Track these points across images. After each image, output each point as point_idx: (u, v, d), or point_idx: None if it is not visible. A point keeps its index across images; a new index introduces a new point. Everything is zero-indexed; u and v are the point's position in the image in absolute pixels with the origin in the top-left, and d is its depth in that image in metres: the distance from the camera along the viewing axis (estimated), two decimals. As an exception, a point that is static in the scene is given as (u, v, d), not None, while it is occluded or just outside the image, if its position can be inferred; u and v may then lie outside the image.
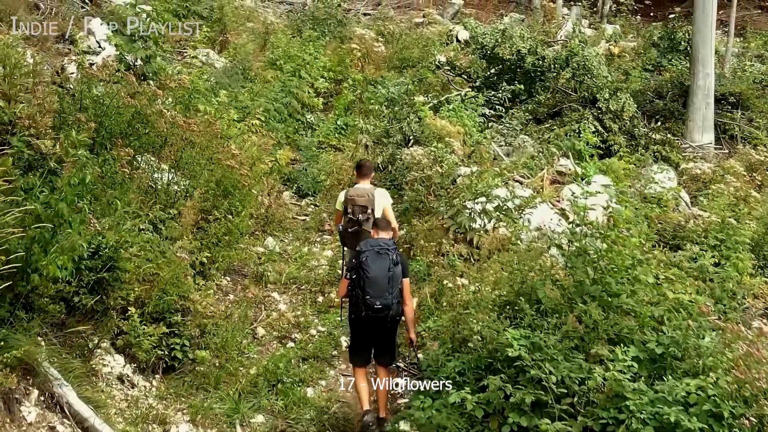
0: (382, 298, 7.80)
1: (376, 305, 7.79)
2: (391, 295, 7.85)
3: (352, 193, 9.70)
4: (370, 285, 7.80)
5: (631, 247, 7.81)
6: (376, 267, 7.84)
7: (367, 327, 8.09)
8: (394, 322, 8.12)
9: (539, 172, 12.87)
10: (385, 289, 7.82)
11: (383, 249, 7.95)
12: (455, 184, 12.39)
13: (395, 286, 7.90)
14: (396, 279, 7.91)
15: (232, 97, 15.00)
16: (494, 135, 14.44)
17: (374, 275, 7.81)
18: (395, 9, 30.74)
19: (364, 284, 7.82)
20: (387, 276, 7.84)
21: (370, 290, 7.79)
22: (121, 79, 11.06)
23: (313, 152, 15.54)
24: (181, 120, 10.68)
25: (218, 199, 10.66)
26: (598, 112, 15.35)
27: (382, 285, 7.81)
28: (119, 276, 8.29)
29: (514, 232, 10.39)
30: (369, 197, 9.61)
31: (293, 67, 17.29)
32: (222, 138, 11.94)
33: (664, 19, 34.69)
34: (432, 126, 13.50)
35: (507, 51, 16.13)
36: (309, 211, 14.02)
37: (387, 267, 7.86)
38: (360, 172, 10.01)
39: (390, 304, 7.84)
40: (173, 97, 12.31)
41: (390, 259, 7.89)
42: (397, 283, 7.92)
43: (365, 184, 9.84)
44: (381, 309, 7.82)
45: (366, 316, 7.90)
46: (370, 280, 7.80)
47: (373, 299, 7.78)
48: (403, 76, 19.03)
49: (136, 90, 10.91)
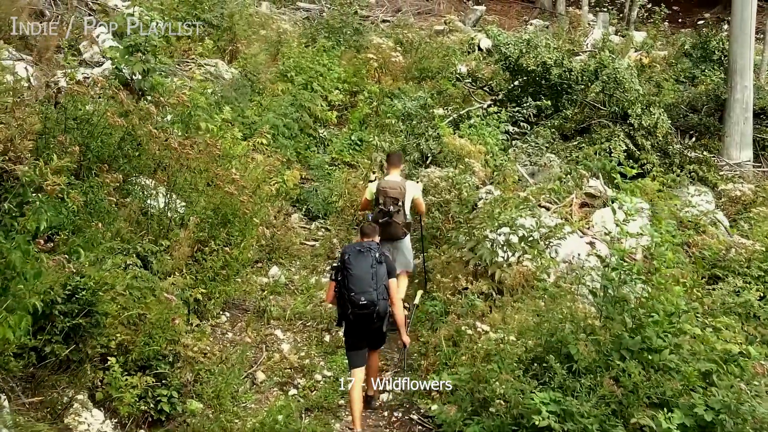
0: (366, 293, 7.90)
1: (361, 301, 7.89)
2: (376, 291, 7.94)
3: (385, 184, 9.96)
4: (354, 282, 7.92)
5: (675, 296, 6.85)
6: (359, 264, 7.98)
7: (356, 326, 8.15)
8: (381, 319, 8.13)
9: (567, 196, 11.85)
10: (369, 284, 7.93)
11: (365, 248, 8.12)
12: (476, 208, 11.47)
13: (379, 283, 7.99)
14: (380, 276, 8.02)
15: (238, 112, 14.10)
16: (518, 154, 13.43)
17: (357, 273, 7.94)
18: (415, 15, 29.85)
19: (348, 282, 7.94)
20: (370, 272, 7.96)
21: (354, 287, 7.91)
22: (110, 97, 10.17)
23: (324, 170, 14.58)
24: (175, 141, 9.77)
25: (216, 229, 9.75)
26: (629, 128, 14.32)
27: (365, 281, 7.93)
28: (99, 321, 7.42)
29: (541, 267, 9.43)
30: (401, 190, 9.94)
31: (305, 79, 16.35)
32: (223, 159, 11.06)
33: (693, 26, 33.63)
34: (451, 146, 12.51)
35: (532, 62, 15.05)
36: (319, 235, 13.06)
37: (370, 264, 7.99)
38: (390, 162, 10.36)
39: (375, 300, 7.92)
40: (172, 114, 11.45)
41: (372, 256, 8.03)
42: (381, 280, 8.02)
43: (396, 176, 10.15)
44: (366, 305, 7.91)
45: (353, 314, 7.98)
46: (354, 277, 7.93)
47: (357, 296, 7.89)
48: (422, 88, 18.08)
49: (128, 108, 10.02)
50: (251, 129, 13.80)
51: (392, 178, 10.10)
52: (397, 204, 9.87)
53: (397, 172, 10.22)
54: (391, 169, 10.27)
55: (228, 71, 17.61)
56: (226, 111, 12.33)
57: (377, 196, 9.94)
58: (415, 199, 10.16)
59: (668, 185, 13.54)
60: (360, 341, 8.31)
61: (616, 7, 36.14)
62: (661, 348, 6.64)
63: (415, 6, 31.37)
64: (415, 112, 15.23)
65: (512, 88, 16.07)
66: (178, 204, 9.83)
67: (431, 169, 12.09)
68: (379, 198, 9.90)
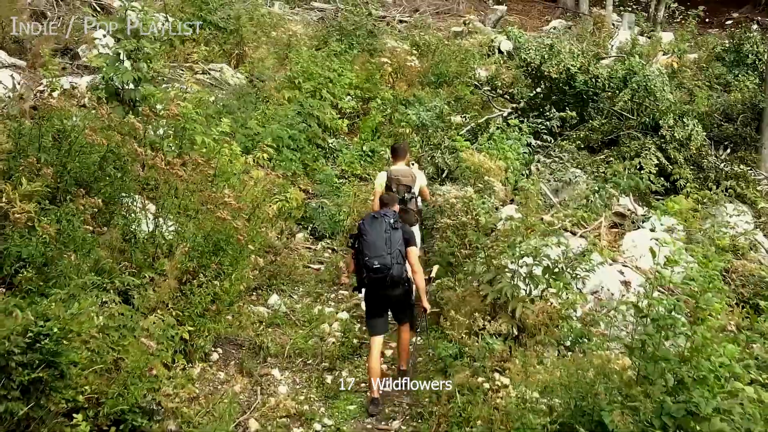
0: (380, 257, 8.12)
1: (375, 265, 8.11)
2: (390, 255, 8.16)
3: (397, 172, 10.10)
4: (368, 247, 8.19)
5: (729, 355, 5.87)
6: (373, 230, 8.26)
7: (373, 291, 8.45)
8: (400, 286, 8.38)
9: (595, 217, 10.84)
10: (382, 249, 8.16)
11: (380, 215, 8.42)
12: (496, 229, 10.50)
13: (393, 248, 8.20)
14: (395, 241, 8.24)
15: (240, 122, 13.16)
16: (541, 170, 12.40)
17: (371, 238, 8.22)
18: (434, 15, 28.89)
19: (363, 247, 8.24)
20: (383, 237, 8.22)
21: (368, 251, 8.17)
22: (89, 111, 9.26)
23: (332, 184, 13.58)
24: (162, 160, 8.84)
25: (206, 258, 8.79)
26: (660, 140, 13.28)
27: (378, 245, 8.18)
28: (65, 371, 6.52)
29: (567, 303, 8.45)
30: (413, 177, 10.12)
31: (314, 86, 15.38)
32: (218, 178, 10.15)
33: (721, 26, 32.49)
34: (469, 162, 11.49)
35: (554, 69, 13.98)
36: (325, 257, 12.08)
37: (383, 229, 8.25)
38: (396, 154, 10.46)
39: (388, 264, 8.13)
40: (165, 128, 10.54)
41: (387, 222, 8.30)
42: (395, 245, 8.23)
43: (402, 165, 10.28)
44: (380, 269, 8.12)
45: (368, 278, 8.24)
46: (368, 242, 8.21)
47: (371, 260, 8.13)
48: (439, 94, 17.09)
49: (110, 123, 9.12)
50: (254, 141, 12.86)
51: (401, 167, 10.25)
52: (410, 191, 10.09)
53: (402, 163, 10.37)
54: (397, 161, 10.40)
55: (234, 76, 16.73)
56: (224, 123, 11.36)
57: (389, 185, 10.04)
58: (422, 187, 10.39)
59: (703, 203, 12.52)
60: (379, 309, 8.57)
61: (641, 7, 35.08)
62: (710, 415, 5.66)
63: (434, 6, 30.40)
64: (430, 122, 14.23)
65: (534, 95, 15.03)
66: (165, 230, 8.90)
67: (447, 187, 11.08)
68: (392, 186, 10.00)
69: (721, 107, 15.98)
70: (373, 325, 8.61)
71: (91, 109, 9.52)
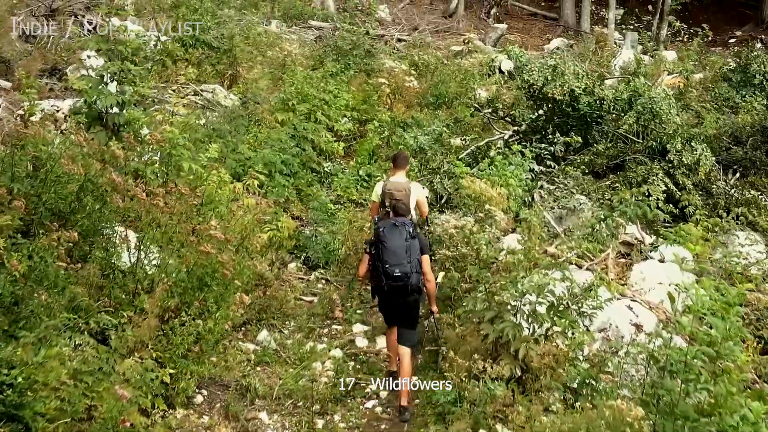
0: (401, 266, 8.24)
1: (396, 273, 8.24)
2: (410, 264, 8.28)
3: (390, 186, 9.81)
4: (388, 255, 8.29)
5: (754, 413, 5.34)
6: (393, 238, 8.35)
7: (390, 299, 8.58)
8: (415, 293, 8.47)
9: (601, 248, 10.29)
10: (403, 257, 8.28)
11: (399, 222, 8.51)
12: (497, 261, 9.99)
13: (413, 256, 8.33)
14: (413, 249, 8.36)
15: (231, 147, 12.65)
16: (544, 196, 11.86)
17: (392, 245, 8.31)
18: (433, 34, 28.49)
19: (383, 254, 8.32)
20: (404, 246, 8.31)
21: (389, 260, 8.27)
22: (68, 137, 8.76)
23: (327, 210, 13.04)
24: (142, 191, 8.32)
25: (190, 294, 8.26)
26: (668, 165, 12.76)
27: (399, 254, 8.28)
28: (30, 426, 6.01)
29: (573, 343, 7.91)
30: (406, 192, 9.80)
31: (308, 108, 14.87)
32: (205, 207, 9.64)
33: (724, 44, 32.11)
34: (468, 190, 10.95)
35: (558, 91, 13.45)
36: (318, 288, 11.53)
37: (404, 238, 8.35)
38: (397, 163, 10.15)
39: (409, 272, 8.26)
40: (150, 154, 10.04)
41: (406, 231, 8.41)
42: (414, 253, 8.36)
43: (401, 177, 10.02)
44: (400, 277, 8.25)
45: (387, 286, 8.34)
46: (388, 250, 8.30)
47: (392, 268, 8.24)
48: (438, 116, 16.59)
49: (90, 150, 8.61)
50: (245, 166, 12.35)
51: (397, 179, 9.97)
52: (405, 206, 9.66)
53: (402, 173, 10.12)
54: (396, 171, 10.11)
55: (227, 97, 16.25)
56: (213, 149, 10.84)
57: (383, 198, 9.78)
58: (419, 201, 10.11)
59: (713, 231, 11.99)
60: (393, 316, 8.84)
61: (642, 25, 34.69)
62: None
63: (433, 24, 30.04)
64: (428, 146, 13.72)
65: (536, 117, 14.51)
66: (146, 264, 8.36)
67: (446, 216, 10.54)
68: (385, 200, 9.71)
69: (729, 130, 15.43)
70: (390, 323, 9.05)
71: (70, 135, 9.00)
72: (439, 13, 32.05)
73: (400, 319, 8.73)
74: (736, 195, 12.97)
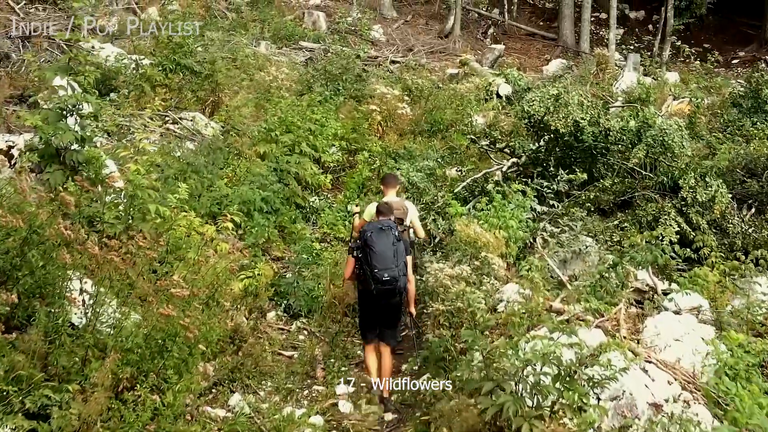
0: (390, 270, 8.28)
1: (385, 277, 8.27)
2: (398, 267, 8.35)
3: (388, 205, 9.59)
4: (377, 259, 8.29)
5: None
6: (381, 242, 8.34)
7: (376, 302, 8.59)
8: (400, 295, 8.63)
9: (610, 300, 9.28)
10: (391, 261, 8.31)
11: (386, 226, 8.50)
12: (496, 311, 9.02)
13: (400, 260, 8.40)
14: (400, 253, 8.43)
15: (207, 183, 11.66)
16: (548, 239, 10.83)
17: (380, 249, 8.31)
18: (428, 55, 27.60)
19: (371, 259, 8.31)
20: (392, 249, 8.34)
21: (377, 264, 8.27)
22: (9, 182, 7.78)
23: (311, 251, 12.00)
24: (94, 244, 7.33)
25: (147, 362, 7.25)
26: (680, 203, 11.77)
27: (388, 258, 8.30)
28: None
29: (584, 423, 6.91)
30: (404, 209, 10.06)
31: (292, 139, 13.89)
32: (170, 257, 8.65)
33: (727, 65, 31.29)
34: (464, 235, 9.95)
35: (561, 123, 12.43)
36: (300, 341, 10.48)
37: (391, 241, 8.36)
38: (388, 183, 10.32)
39: (397, 276, 8.35)
40: (113, 197, 9.06)
41: (393, 234, 8.42)
42: (401, 256, 8.44)
43: (394, 196, 10.21)
44: (389, 281, 8.30)
45: (376, 290, 8.35)
46: (377, 254, 8.30)
47: (381, 272, 8.25)
48: (432, 146, 15.63)
49: (36, 199, 7.63)
50: (221, 205, 11.36)
51: (392, 198, 10.11)
52: (403, 223, 9.91)
53: (393, 193, 10.28)
54: (388, 191, 10.25)
55: (208, 126, 15.29)
56: (183, 189, 9.83)
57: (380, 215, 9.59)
58: (414, 220, 10.25)
59: (731, 275, 11.01)
60: (374, 319, 8.80)
61: (643, 45, 33.85)
62: None
63: (429, 45, 29.16)
64: (420, 182, 12.73)
65: (536, 149, 13.51)
66: (99, 327, 7.36)
67: (439, 265, 9.52)
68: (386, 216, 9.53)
69: (743, 161, 14.38)
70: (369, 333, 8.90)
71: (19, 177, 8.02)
72: (435, 33, 31.16)
73: (383, 321, 8.79)
74: (754, 234, 11.96)
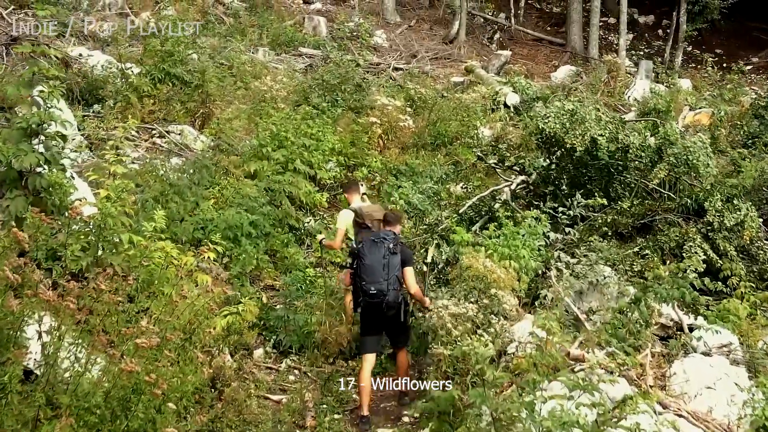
0: (377, 284, 8.22)
1: (371, 291, 8.24)
2: (387, 281, 8.23)
3: (367, 209, 10.05)
4: (365, 272, 8.30)
5: None
6: (372, 255, 8.33)
7: (368, 313, 8.53)
8: (392, 309, 8.37)
9: (634, 342, 8.29)
10: (380, 275, 8.23)
11: (380, 238, 8.46)
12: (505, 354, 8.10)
13: (391, 273, 8.27)
14: (392, 267, 8.31)
15: (190, 206, 10.72)
16: (563, 270, 9.82)
17: (369, 262, 8.29)
18: (433, 61, 26.68)
19: (360, 271, 8.34)
20: (382, 263, 8.27)
21: (366, 276, 8.29)
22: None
23: (303, 280, 11.04)
24: (48, 291, 6.39)
25: (108, 425, 6.29)
26: (706, 227, 10.79)
27: (377, 271, 8.24)
28: None
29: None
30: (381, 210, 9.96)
31: (285, 156, 12.93)
32: (141, 296, 7.71)
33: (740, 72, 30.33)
34: (472, 269, 8.93)
35: (579, 141, 11.39)
36: (290, 382, 9.50)
37: (382, 255, 8.29)
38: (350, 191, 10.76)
39: (384, 290, 8.21)
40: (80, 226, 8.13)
41: (386, 247, 8.34)
42: (393, 270, 8.30)
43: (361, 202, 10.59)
44: (375, 294, 8.23)
45: (364, 302, 8.39)
46: (366, 266, 8.30)
47: (367, 285, 8.26)
48: (435, 162, 14.68)
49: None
50: (206, 230, 10.42)
51: (367, 203, 10.53)
52: None
53: (358, 198, 10.59)
54: (352, 197, 10.62)
55: (197, 139, 14.36)
56: (159, 216, 8.86)
57: (361, 221, 9.83)
58: None
59: (762, 308, 10.07)
60: (374, 328, 8.65)
61: (653, 50, 32.92)
62: None
63: (433, 50, 28.21)
64: (421, 204, 11.78)
65: (547, 166, 12.50)
66: (54, 383, 6.42)
67: (442, 302, 8.53)
68: (366, 222, 9.78)
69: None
70: (365, 342, 8.71)
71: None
72: (439, 38, 30.20)
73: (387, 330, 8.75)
74: (785, 260, 10.99)
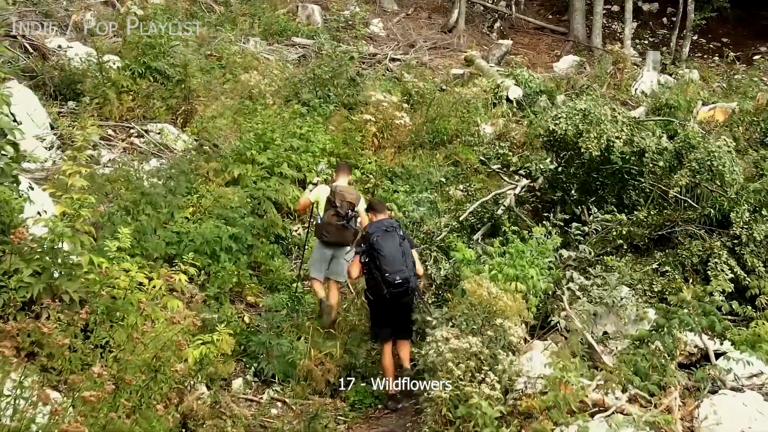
0: (400, 272, 8.21)
1: (397, 280, 8.20)
2: (408, 268, 8.31)
3: (342, 189, 9.91)
4: (387, 263, 8.21)
5: None
6: (388, 245, 8.29)
7: (389, 305, 8.44)
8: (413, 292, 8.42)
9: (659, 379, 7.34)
10: (401, 263, 8.27)
11: (390, 227, 8.49)
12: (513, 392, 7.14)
13: (408, 260, 8.37)
14: (408, 253, 8.42)
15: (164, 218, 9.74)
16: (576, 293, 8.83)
17: (388, 252, 8.25)
18: (431, 51, 25.62)
19: (381, 263, 8.23)
20: (400, 251, 8.30)
21: (388, 267, 8.20)
22: None
23: (288, 299, 10.05)
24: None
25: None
26: (732, 240, 9.81)
27: (397, 260, 8.25)
28: None
29: None
30: (357, 196, 10.07)
31: (271, 159, 11.93)
32: (98, 329, 6.74)
33: (747, 61, 29.37)
34: (475, 296, 7.93)
35: (594, 145, 10.27)
36: (272, 417, 8.48)
37: (398, 243, 8.34)
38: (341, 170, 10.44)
39: (409, 277, 8.27)
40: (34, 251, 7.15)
41: (398, 234, 8.43)
42: (409, 256, 8.42)
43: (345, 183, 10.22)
44: (402, 283, 8.23)
45: (389, 293, 8.24)
46: (386, 258, 8.23)
47: (392, 275, 8.18)
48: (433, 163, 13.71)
49: None
50: (180, 245, 9.43)
51: (345, 185, 10.18)
52: (354, 210, 9.79)
53: (345, 181, 10.27)
54: (339, 177, 10.28)
55: (179, 139, 13.35)
56: (124, 234, 7.85)
57: (333, 199, 9.75)
58: (361, 210, 9.94)
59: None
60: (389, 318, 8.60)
61: (658, 39, 31.93)
62: None
63: (432, 40, 27.13)
64: (418, 215, 10.84)
65: (554, 169, 11.49)
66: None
67: (441, 332, 7.54)
68: (336, 201, 9.72)
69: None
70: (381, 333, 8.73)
71: None
72: (438, 27, 29.09)
73: (397, 321, 8.58)
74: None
